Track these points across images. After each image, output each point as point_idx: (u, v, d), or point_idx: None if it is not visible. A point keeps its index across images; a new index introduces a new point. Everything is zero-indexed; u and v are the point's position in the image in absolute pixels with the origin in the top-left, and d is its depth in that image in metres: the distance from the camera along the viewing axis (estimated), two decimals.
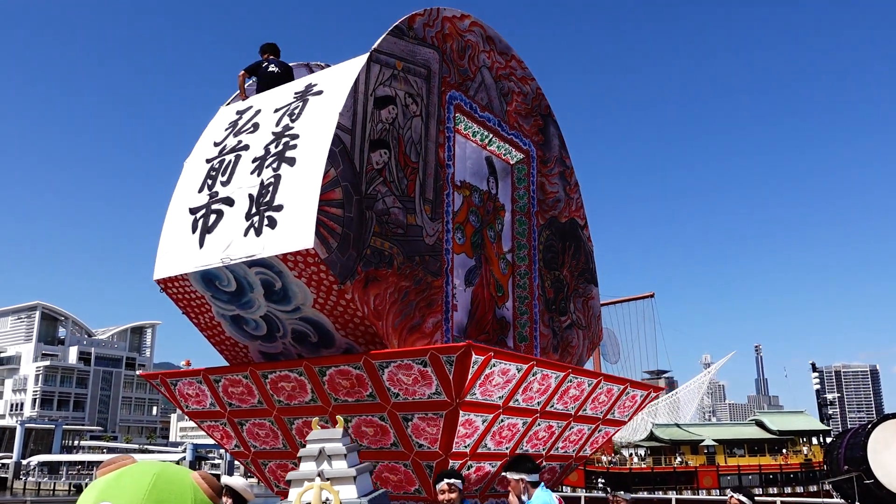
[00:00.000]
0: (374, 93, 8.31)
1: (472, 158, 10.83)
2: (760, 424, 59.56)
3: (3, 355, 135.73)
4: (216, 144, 8.73)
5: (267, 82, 9.60)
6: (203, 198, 8.30)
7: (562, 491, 39.96)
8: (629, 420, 9.13)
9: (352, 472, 5.14)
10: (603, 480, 47.51)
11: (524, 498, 5.67)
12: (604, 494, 7.87)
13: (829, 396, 74.34)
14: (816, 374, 71.17)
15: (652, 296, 60.64)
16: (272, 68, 9.74)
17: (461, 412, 7.69)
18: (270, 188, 7.76)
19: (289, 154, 7.87)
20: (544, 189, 12.07)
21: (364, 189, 7.88)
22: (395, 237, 8.23)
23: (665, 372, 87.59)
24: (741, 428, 61.29)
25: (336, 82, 8.32)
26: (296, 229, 7.36)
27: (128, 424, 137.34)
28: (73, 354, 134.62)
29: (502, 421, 8.56)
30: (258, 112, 8.76)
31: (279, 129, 8.23)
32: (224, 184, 8.20)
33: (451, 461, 8.04)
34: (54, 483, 76.88)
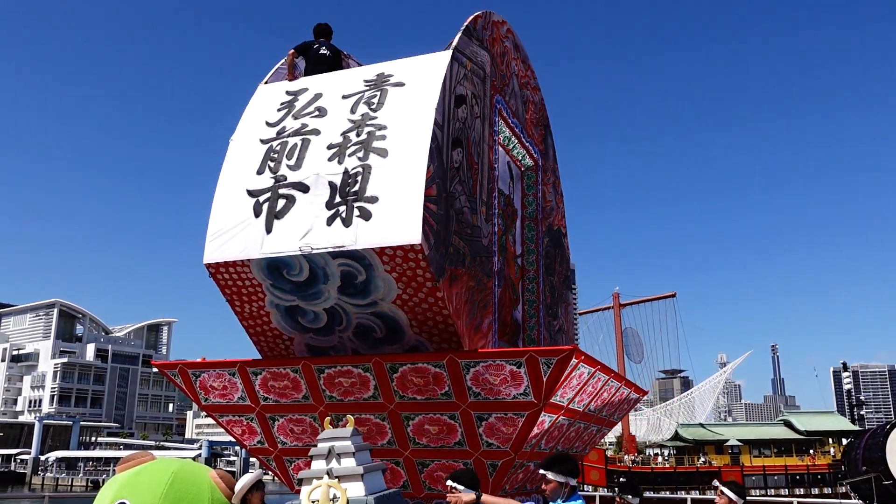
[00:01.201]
0: (455, 91, 8.34)
1: (499, 162, 11.04)
2: (789, 425, 59.05)
3: (21, 352, 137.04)
4: (270, 124, 8.43)
5: (317, 64, 9.46)
6: (266, 180, 7.96)
7: (584, 490, 40.04)
8: (617, 423, 9.17)
9: (359, 470, 5.20)
10: (624, 479, 47.47)
11: (560, 502, 5.25)
12: (611, 494, 7.81)
13: (862, 397, 73.76)
14: (848, 374, 70.52)
15: (674, 295, 60.41)
16: (323, 50, 9.63)
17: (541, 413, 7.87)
18: (358, 178, 7.56)
19: (377, 144, 7.71)
20: (545, 197, 12.39)
21: (447, 186, 7.89)
22: (465, 237, 8.28)
23: (680, 371, 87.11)
24: (768, 428, 60.79)
25: (420, 76, 8.26)
26: (398, 223, 7.22)
27: (144, 421, 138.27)
28: (90, 351, 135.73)
29: (559, 422, 8.72)
30: (318, 95, 8.53)
31: (357, 116, 8.05)
32: (293, 168, 7.89)
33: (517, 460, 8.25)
34: (72, 479, 77.64)
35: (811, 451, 55.29)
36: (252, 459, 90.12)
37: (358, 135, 7.88)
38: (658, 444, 59.84)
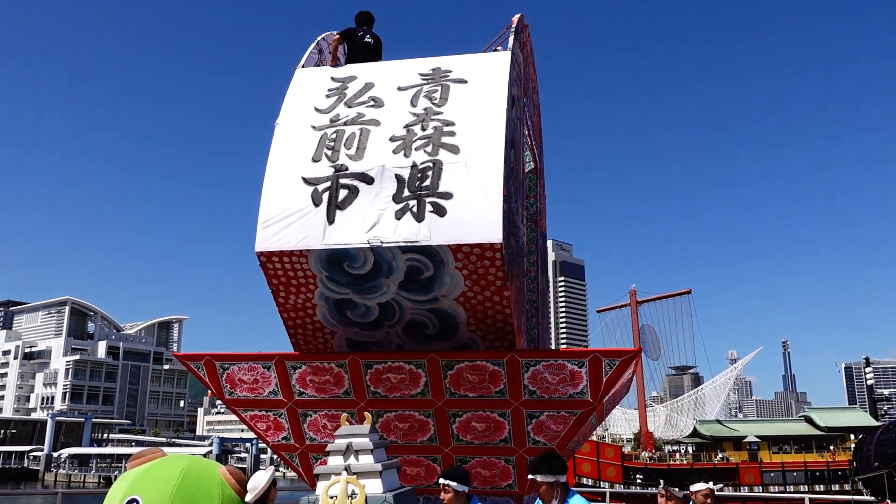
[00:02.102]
0: (510, 91, 8.39)
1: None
2: (810, 421, 58.85)
3: (34, 350, 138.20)
4: (320, 111, 8.27)
5: (361, 52, 9.44)
6: (324, 169, 7.78)
7: (600, 486, 40.01)
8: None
9: (378, 467, 5.18)
10: (641, 476, 47.48)
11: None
12: (655, 490, 7.78)
13: (886, 392, 73.34)
14: (870, 370, 70.06)
15: (689, 292, 60.32)
16: (368, 38, 9.60)
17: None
18: (429, 173, 7.51)
19: (446, 140, 7.68)
20: (540, 199, 12.65)
21: (508, 186, 7.97)
22: (514, 237, 8.37)
23: (691, 368, 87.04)
24: (789, 424, 60.46)
25: (483, 74, 8.29)
26: (477, 221, 7.24)
27: (155, 418, 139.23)
28: (101, 349, 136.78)
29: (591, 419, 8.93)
30: (370, 85, 8.45)
31: (419, 110, 8.01)
32: (353, 158, 7.75)
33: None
34: (84, 475, 78.21)
35: (831, 448, 55.07)
36: (263, 456, 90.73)
37: (423, 129, 7.81)
38: (676, 440, 59.83)
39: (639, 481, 47.30)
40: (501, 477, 8.53)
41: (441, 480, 5.71)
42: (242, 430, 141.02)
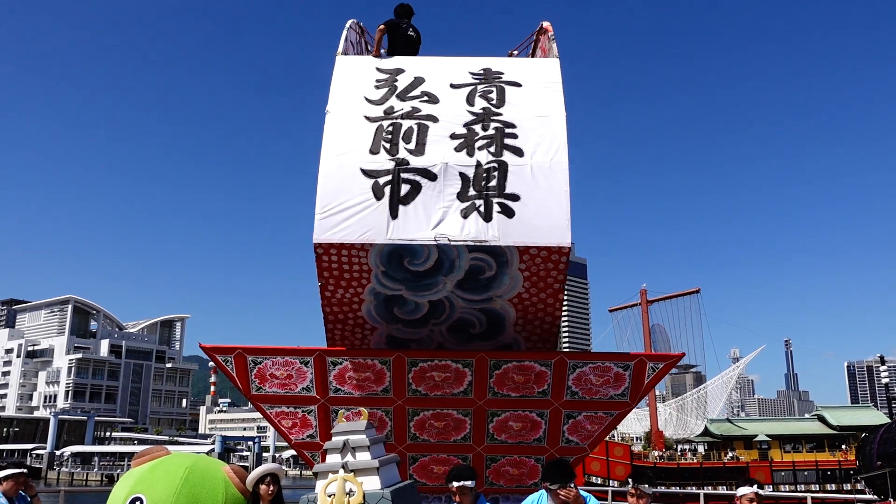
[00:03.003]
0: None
1: None
2: (822, 420, 58.64)
3: (36, 348, 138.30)
4: (372, 101, 8.15)
5: (405, 45, 9.40)
6: (383, 162, 7.67)
7: (609, 484, 40.03)
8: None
9: (375, 463, 5.19)
10: (651, 475, 47.54)
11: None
12: (623, 489, 8.13)
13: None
14: (886, 368, 69.69)
15: (698, 291, 60.18)
16: (411, 32, 9.57)
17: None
18: (494, 173, 7.55)
19: (509, 142, 7.73)
20: None
21: None
22: None
23: (693, 366, 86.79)
24: (801, 423, 60.10)
25: (537, 79, 8.39)
26: (546, 224, 7.35)
27: (158, 416, 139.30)
28: (104, 347, 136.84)
29: None
30: (420, 79, 8.40)
31: (477, 109, 8.02)
32: (414, 153, 7.68)
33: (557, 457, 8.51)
34: (87, 474, 78.32)
35: (843, 447, 54.85)
36: (265, 455, 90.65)
37: (484, 129, 7.82)
38: (686, 439, 59.75)
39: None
40: (529, 475, 8.63)
41: (455, 484, 5.68)
42: (244, 429, 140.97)
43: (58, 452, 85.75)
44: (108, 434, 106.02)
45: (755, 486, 6.16)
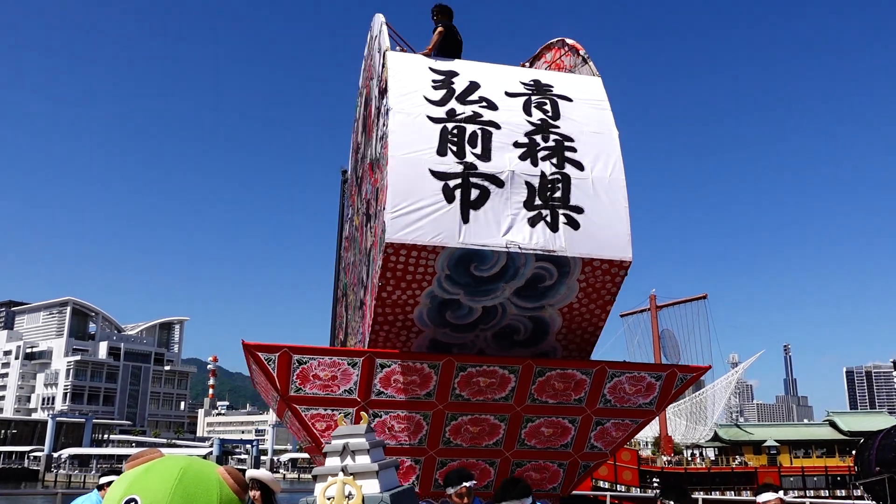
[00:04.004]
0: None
1: None
2: (833, 425, 58.54)
3: (35, 350, 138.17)
4: (432, 102, 8.11)
5: (452, 47, 9.40)
6: (451, 165, 7.67)
7: (616, 489, 39.98)
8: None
9: (374, 466, 5.17)
10: (658, 480, 47.50)
11: None
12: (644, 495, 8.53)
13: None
14: None
15: (705, 297, 60.22)
16: (460, 37, 9.60)
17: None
18: (559, 185, 7.73)
19: (569, 156, 7.93)
20: None
21: None
22: None
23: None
24: (812, 428, 59.89)
25: (585, 95, 8.61)
26: (609, 237, 7.64)
27: (156, 419, 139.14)
28: (102, 349, 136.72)
29: None
30: (475, 84, 8.40)
31: (535, 120, 8.13)
32: (480, 157, 7.72)
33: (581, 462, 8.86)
34: (84, 476, 78.13)
35: (854, 453, 54.79)
36: (263, 458, 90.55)
37: (545, 140, 7.96)
38: (696, 444, 59.77)
39: (655, 485, 47.35)
40: (549, 480, 8.78)
41: (466, 484, 5.65)
42: (243, 432, 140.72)
43: (55, 454, 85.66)
44: (106, 436, 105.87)
45: (779, 492, 6.06)
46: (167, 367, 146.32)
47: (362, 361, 7.89)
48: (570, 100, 8.43)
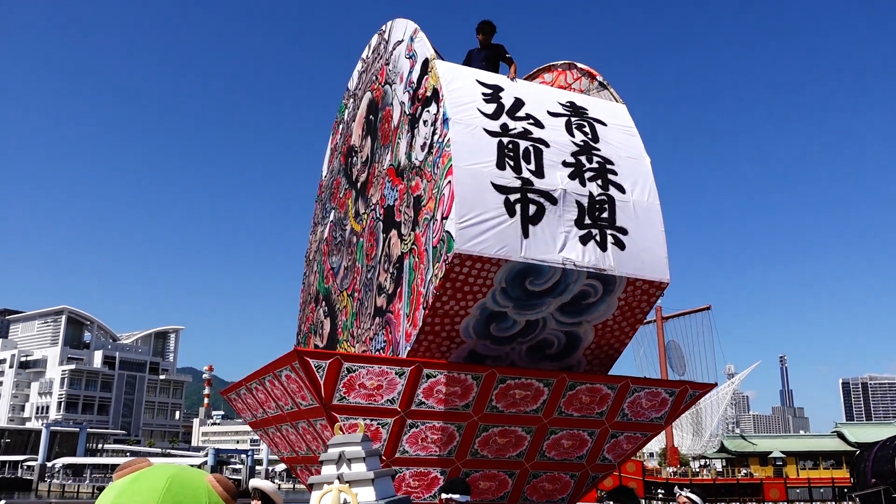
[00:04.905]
0: None
1: None
2: (841, 436, 58.38)
3: (29, 359, 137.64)
4: (487, 115, 8.17)
5: (491, 63, 9.45)
6: (510, 179, 7.77)
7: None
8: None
9: (370, 475, 5.15)
10: (662, 491, 47.43)
11: None
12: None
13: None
14: None
15: (709, 308, 60.35)
16: (508, 54, 9.65)
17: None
18: (606, 206, 8.00)
19: (612, 178, 8.20)
20: None
21: None
22: None
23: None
24: (819, 440, 59.66)
25: (616, 121, 8.86)
26: (650, 259, 7.98)
27: (151, 428, 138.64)
28: (97, 358, 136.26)
29: None
30: (521, 101, 8.49)
31: (578, 141, 8.35)
32: (535, 174, 7.88)
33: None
34: (78, 486, 77.76)
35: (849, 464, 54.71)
36: (258, 468, 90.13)
37: (589, 161, 8.19)
38: (702, 455, 59.67)
39: (660, 496, 47.24)
40: (560, 490, 8.91)
41: (443, 496, 5.64)
42: (238, 442, 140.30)
43: (49, 464, 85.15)
44: (100, 446, 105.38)
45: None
46: (162, 377, 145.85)
47: (410, 371, 7.81)
48: (604, 124, 8.67)
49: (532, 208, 7.66)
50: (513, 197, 7.63)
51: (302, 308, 13.32)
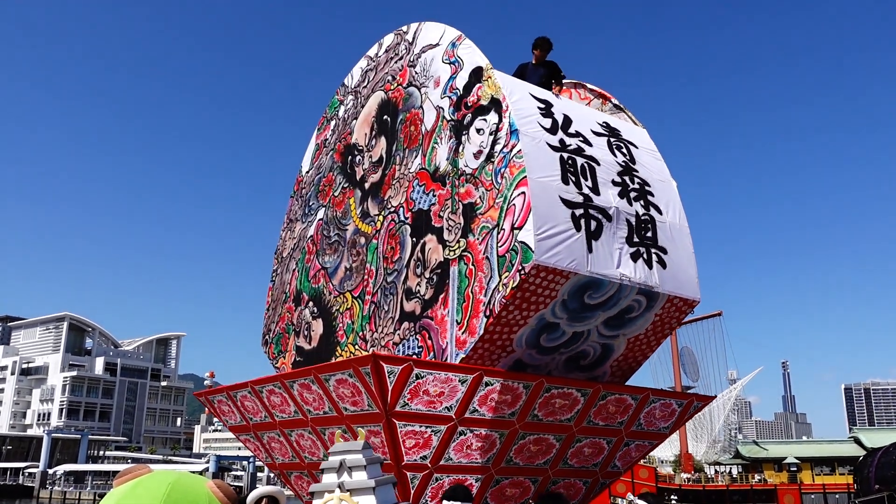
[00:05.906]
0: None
1: None
2: (858, 441, 58.02)
3: (31, 365, 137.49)
4: (547, 129, 8.26)
5: (547, 82, 9.51)
6: (573, 194, 7.91)
7: None
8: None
9: (371, 483, 5.14)
10: (676, 497, 47.24)
11: None
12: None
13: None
14: None
15: (720, 314, 60.21)
16: (562, 73, 9.91)
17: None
18: (649, 226, 8.28)
19: (652, 200, 8.48)
20: None
21: None
22: None
23: (689, 388, 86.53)
24: (835, 445, 59.35)
25: (641, 143, 9.09)
26: (685, 279, 8.35)
27: (152, 435, 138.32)
28: (99, 365, 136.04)
29: None
30: (569, 119, 8.60)
31: (620, 160, 8.58)
32: (593, 190, 8.13)
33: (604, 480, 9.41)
34: (79, 493, 77.52)
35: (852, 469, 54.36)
36: (260, 474, 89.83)
37: (632, 182, 8.44)
38: (717, 462, 59.44)
39: (673, 501, 47.07)
40: (572, 496, 9.10)
41: (445, 503, 5.64)
42: (239, 448, 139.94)
43: (50, 471, 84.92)
44: (101, 453, 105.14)
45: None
46: (164, 383, 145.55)
47: (472, 379, 7.79)
48: (636, 147, 8.93)
49: (593, 224, 7.89)
50: (578, 212, 7.80)
51: (271, 306, 12.89)
